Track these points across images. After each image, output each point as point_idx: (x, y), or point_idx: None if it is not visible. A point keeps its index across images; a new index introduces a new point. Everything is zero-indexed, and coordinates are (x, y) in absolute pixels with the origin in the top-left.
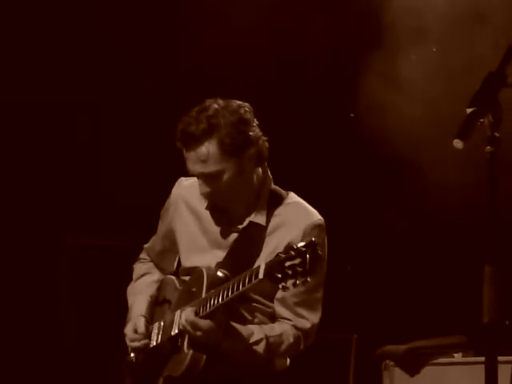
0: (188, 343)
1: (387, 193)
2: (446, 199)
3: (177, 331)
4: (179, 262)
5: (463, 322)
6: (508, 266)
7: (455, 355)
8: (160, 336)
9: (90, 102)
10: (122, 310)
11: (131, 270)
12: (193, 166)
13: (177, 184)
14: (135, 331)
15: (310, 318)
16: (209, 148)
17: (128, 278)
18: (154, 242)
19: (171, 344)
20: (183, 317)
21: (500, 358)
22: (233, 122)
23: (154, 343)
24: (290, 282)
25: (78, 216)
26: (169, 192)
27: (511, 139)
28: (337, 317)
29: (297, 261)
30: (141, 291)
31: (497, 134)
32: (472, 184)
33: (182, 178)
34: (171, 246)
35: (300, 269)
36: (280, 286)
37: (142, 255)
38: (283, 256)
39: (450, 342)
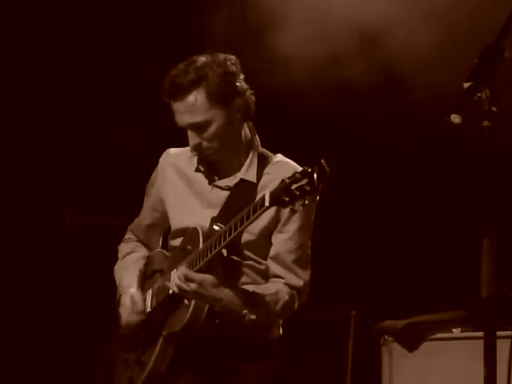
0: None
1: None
2: None
3: (175, 288)
4: (164, 240)
5: (462, 297)
6: (506, 239)
7: (454, 330)
8: (155, 300)
9: (84, 80)
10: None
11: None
12: (181, 117)
13: (164, 154)
14: (133, 304)
15: (302, 276)
16: (197, 97)
17: None
18: (141, 218)
19: (168, 304)
20: (178, 272)
21: (499, 333)
22: (220, 73)
23: (149, 309)
24: (298, 204)
25: (76, 193)
26: None
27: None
28: (335, 294)
29: (304, 181)
30: (128, 267)
31: (494, 109)
32: None
33: (170, 149)
34: (160, 218)
35: (308, 187)
36: (288, 209)
37: (127, 235)
38: (288, 180)
39: (448, 317)
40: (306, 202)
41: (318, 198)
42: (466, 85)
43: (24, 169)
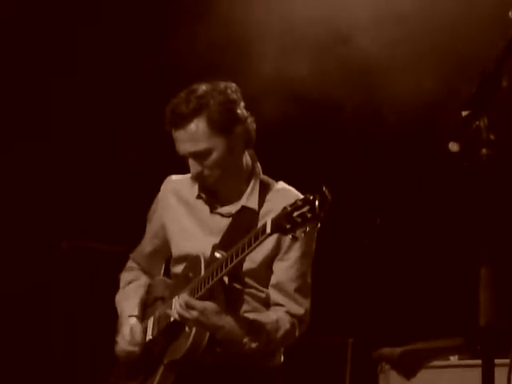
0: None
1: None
2: None
3: (177, 316)
4: (166, 268)
5: (459, 325)
6: (504, 268)
7: (451, 358)
8: (156, 328)
9: (85, 104)
10: (115, 314)
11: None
12: (183, 146)
13: (165, 181)
14: (132, 335)
15: (303, 304)
16: (198, 125)
17: None
18: (142, 246)
19: (169, 332)
20: (179, 300)
21: (497, 361)
22: (221, 100)
23: (150, 337)
24: (300, 231)
25: (73, 219)
26: None
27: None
28: (332, 321)
29: (305, 208)
30: (129, 296)
31: (492, 137)
32: None
33: (171, 176)
34: (162, 245)
35: (310, 214)
36: (290, 237)
37: (129, 264)
38: (290, 208)
39: (446, 345)
40: (308, 229)
41: (319, 225)
42: (465, 113)
43: (22, 194)
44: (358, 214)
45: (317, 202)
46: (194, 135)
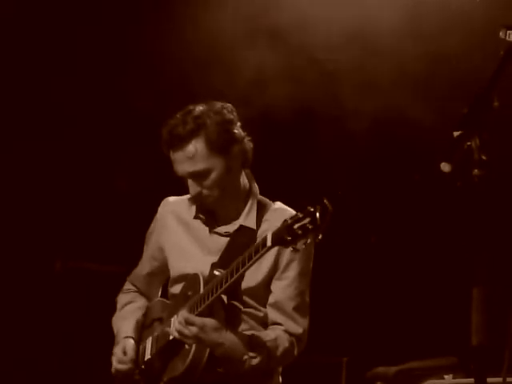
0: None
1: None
2: None
3: (176, 334)
4: (163, 291)
5: (453, 344)
6: (497, 289)
7: (446, 377)
8: (155, 348)
9: (79, 124)
10: (111, 334)
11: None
12: (181, 166)
13: (163, 203)
14: (124, 353)
15: (301, 323)
16: (196, 146)
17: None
18: (140, 268)
19: (169, 350)
20: (178, 317)
21: (489, 380)
22: (218, 121)
23: (149, 356)
24: (300, 243)
25: (67, 240)
26: None
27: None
28: (327, 340)
29: (306, 220)
30: (126, 317)
31: (484, 157)
32: None
33: (168, 197)
34: (160, 267)
35: (311, 226)
36: (291, 249)
37: (126, 286)
38: (290, 221)
39: (440, 364)
40: (309, 240)
41: (320, 236)
42: (456, 133)
43: (16, 215)
44: (352, 233)
45: (318, 214)
46: (192, 156)
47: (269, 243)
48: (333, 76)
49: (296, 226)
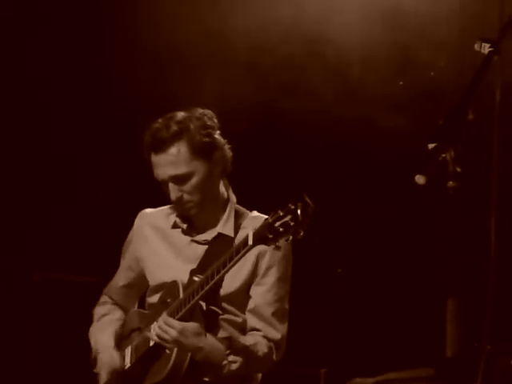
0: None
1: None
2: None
3: (156, 338)
4: (140, 303)
5: (430, 355)
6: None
7: None
8: (134, 356)
9: (56, 134)
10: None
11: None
12: (163, 170)
13: (139, 214)
14: (112, 360)
15: (280, 329)
16: (179, 149)
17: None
18: (116, 280)
19: (149, 357)
20: (158, 321)
21: None
22: (200, 125)
23: (129, 364)
24: (282, 240)
25: (46, 252)
26: None
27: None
28: (305, 352)
29: (287, 217)
30: (104, 328)
31: (458, 169)
32: None
33: (145, 209)
34: (136, 278)
35: (292, 223)
36: (273, 247)
37: (102, 299)
38: (271, 219)
39: (417, 375)
40: (291, 237)
41: (302, 233)
42: (431, 146)
43: None
44: (330, 242)
45: (299, 211)
46: (175, 159)
47: (250, 242)
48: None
49: (277, 224)
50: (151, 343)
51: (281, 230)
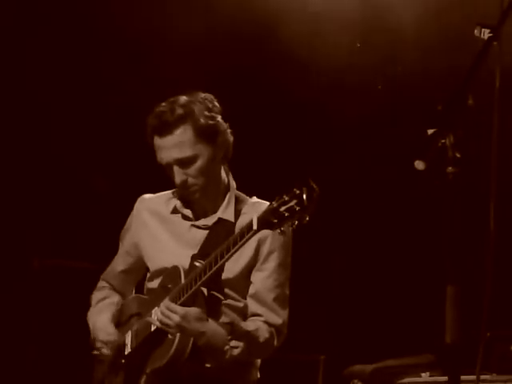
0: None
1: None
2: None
3: (158, 323)
4: (138, 288)
5: (430, 341)
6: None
7: (422, 374)
8: (135, 341)
9: (57, 122)
10: (88, 331)
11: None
12: (167, 153)
13: (139, 200)
14: (108, 333)
15: (281, 315)
16: (184, 132)
17: None
18: (114, 265)
19: (150, 342)
20: (160, 306)
21: (463, 378)
22: (204, 109)
23: (130, 350)
24: (287, 225)
25: (44, 238)
26: None
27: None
28: (304, 339)
29: (293, 202)
30: (101, 311)
31: (458, 155)
32: None
33: (144, 195)
34: (134, 263)
35: (298, 207)
36: (278, 231)
37: (99, 284)
38: (276, 204)
39: (417, 362)
40: (296, 222)
41: (307, 218)
42: (430, 131)
43: None
44: (328, 228)
45: (304, 195)
46: (180, 142)
47: (255, 227)
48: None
49: (282, 209)
50: (152, 328)
51: (286, 214)
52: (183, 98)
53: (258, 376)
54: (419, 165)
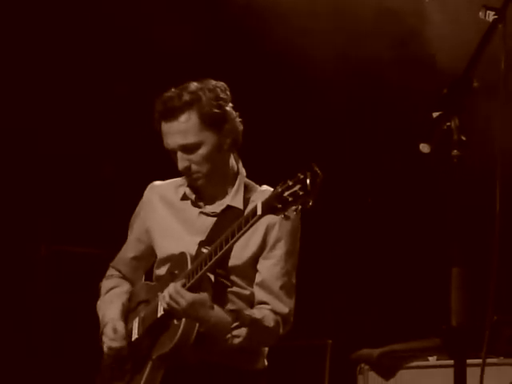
0: (177, 317)
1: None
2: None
3: (162, 312)
4: (147, 275)
5: (437, 325)
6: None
7: (430, 358)
8: (142, 327)
9: (63, 109)
10: (96, 318)
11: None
12: (172, 138)
13: (149, 187)
14: (115, 331)
15: (287, 303)
16: (189, 118)
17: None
18: (124, 252)
19: (156, 328)
20: (166, 291)
21: (469, 361)
22: (212, 97)
23: (136, 336)
24: (291, 209)
25: (52, 224)
26: None
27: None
28: (311, 323)
29: (297, 187)
30: (111, 301)
31: (463, 138)
32: None
33: (154, 182)
34: (145, 250)
35: (301, 192)
36: (282, 216)
37: (109, 272)
38: (280, 188)
39: (424, 346)
40: (300, 207)
41: (311, 203)
42: (435, 114)
43: (0, 199)
44: (333, 212)
45: (308, 180)
46: (184, 128)
47: (259, 212)
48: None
49: (286, 194)
50: (159, 314)
51: (290, 199)
52: (193, 85)
53: (266, 364)
54: (424, 148)
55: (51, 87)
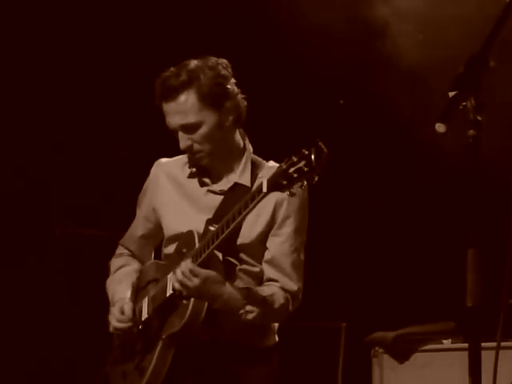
0: (187, 297)
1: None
2: None
3: (171, 291)
4: (156, 253)
5: (452, 308)
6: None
7: (444, 341)
8: (151, 307)
9: (75, 92)
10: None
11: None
12: (172, 118)
13: (155, 164)
14: (122, 313)
15: (296, 280)
16: (188, 97)
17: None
18: (132, 230)
19: (166, 308)
20: (178, 270)
21: (484, 344)
22: (212, 75)
23: (146, 315)
24: (297, 186)
25: (66, 206)
26: None
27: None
28: (325, 306)
29: (301, 163)
30: (120, 281)
31: (479, 118)
32: None
33: (160, 159)
34: (153, 228)
35: (306, 168)
36: (287, 193)
37: (118, 250)
38: (285, 165)
39: (438, 329)
40: (305, 183)
41: (316, 178)
42: (451, 94)
43: (15, 182)
44: (351, 198)
45: (313, 156)
46: (183, 108)
47: (264, 189)
48: None
49: (291, 170)
50: (168, 293)
51: (295, 175)
52: (193, 63)
53: (277, 340)
54: (440, 128)
55: (64, 67)
